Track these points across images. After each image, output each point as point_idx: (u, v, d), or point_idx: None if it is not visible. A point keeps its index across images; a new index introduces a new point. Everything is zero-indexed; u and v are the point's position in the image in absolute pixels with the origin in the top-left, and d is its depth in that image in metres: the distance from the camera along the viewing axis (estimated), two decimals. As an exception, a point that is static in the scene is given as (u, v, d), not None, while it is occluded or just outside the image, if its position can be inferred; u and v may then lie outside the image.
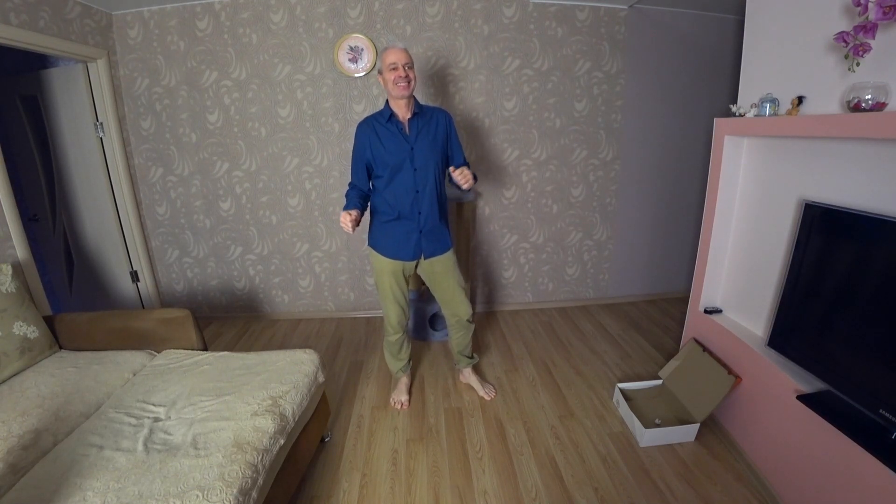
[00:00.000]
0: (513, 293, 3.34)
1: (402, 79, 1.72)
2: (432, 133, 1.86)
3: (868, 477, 1.22)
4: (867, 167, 1.35)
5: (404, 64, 1.73)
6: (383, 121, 1.83)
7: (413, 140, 1.82)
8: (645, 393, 2.13)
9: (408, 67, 1.74)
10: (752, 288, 1.87)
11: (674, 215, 3.34)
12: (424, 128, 1.85)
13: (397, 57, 1.72)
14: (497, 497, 1.65)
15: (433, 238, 1.93)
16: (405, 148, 1.82)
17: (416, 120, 1.84)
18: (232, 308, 3.29)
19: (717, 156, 1.90)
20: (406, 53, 1.75)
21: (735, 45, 2.90)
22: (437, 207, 1.91)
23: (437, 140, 1.87)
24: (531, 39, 2.81)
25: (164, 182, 3.00)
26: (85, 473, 1.16)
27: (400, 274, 1.96)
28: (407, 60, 1.74)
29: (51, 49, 2.27)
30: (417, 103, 1.87)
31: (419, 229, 1.89)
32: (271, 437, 1.32)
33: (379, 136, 1.82)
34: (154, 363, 1.75)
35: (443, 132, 1.90)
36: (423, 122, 1.86)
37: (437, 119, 1.90)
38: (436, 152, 1.87)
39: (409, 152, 1.82)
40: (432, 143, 1.86)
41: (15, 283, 1.74)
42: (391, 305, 2.01)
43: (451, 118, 1.96)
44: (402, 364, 2.21)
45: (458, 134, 1.99)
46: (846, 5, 1.33)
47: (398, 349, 2.16)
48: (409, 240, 1.89)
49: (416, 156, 1.82)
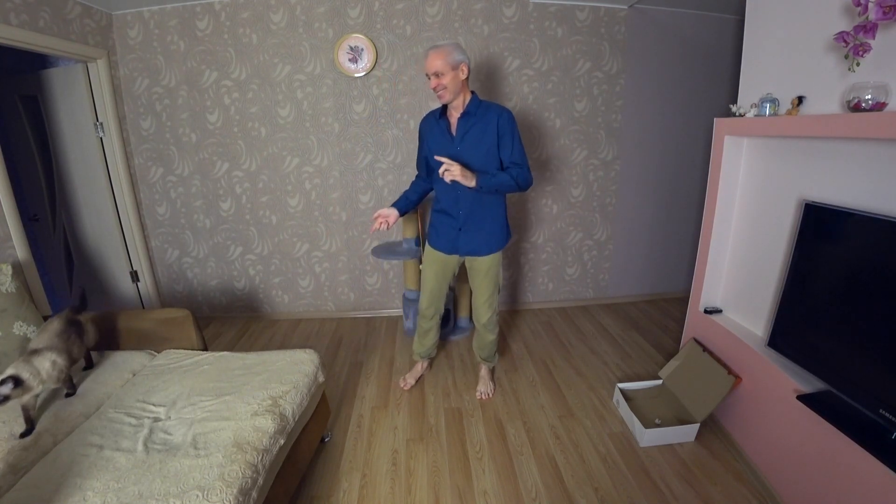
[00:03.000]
0: (514, 293, 3.34)
1: (438, 87, 1.72)
2: (479, 133, 1.80)
3: (868, 477, 1.22)
4: (867, 167, 1.35)
5: (434, 72, 1.69)
6: (436, 117, 1.87)
7: (459, 141, 1.81)
8: (645, 393, 2.13)
9: (439, 75, 1.69)
10: (751, 288, 1.87)
11: (674, 215, 3.34)
12: (473, 128, 1.80)
13: (427, 66, 1.71)
14: (497, 497, 1.65)
15: (473, 238, 1.93)
16: (450, 148, 1.82)
17: (465, 119, 1.80)
18: (232, 308, 3.29)
19: (716, 156, 1.90)
20: (438, 58, 1.68)
21: (735, 45, 2.90)
22: (481, 208, 1.89)
23: (484, 140, 1.80)
24: (531, 39, 2.81)
25: (164, 182, 3.00)
26: (85, 473, 1.16)
27: (440, 264, 2.02)
28: (437, 68, 1.69)
29: (51, 49, 2.27)
30: (474, 101, 1.81)
31: (458, 227, 1.91)
32: (271, 437, 1.32)
33: (432, 132, 1.88)
34: (154, 363, 1.75)
35: (492, 132, 1.79)
36: (473, 121, 1.80)
37: (489, 118, 1.79)
38: (483, 155, 1.80)
39: (455, 152, 1.80)
40: (478, 143, 1.80)
41: (15, 283, 1.74)
42: (424, 289, 2.11)
43: (508, 116, 1.81)
44: (422, 349, 2.29)
45: (519, 134, 1.85)
46: (846, 5, 1.33)
47: (423, 331, 2.24)
48: (449, 235, 1.95)
49: (460, 156, 1.78)
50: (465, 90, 1.80)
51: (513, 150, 1.82)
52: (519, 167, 1.83)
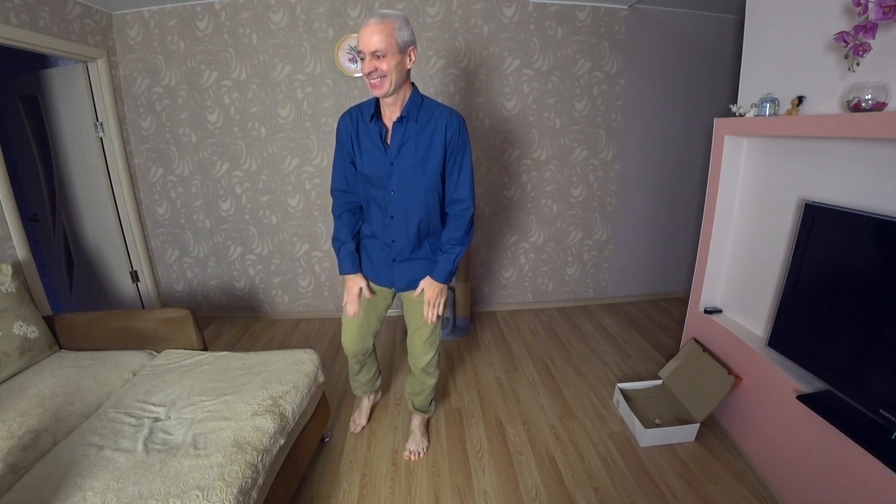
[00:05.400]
0: (513, 293, 3.34)
1: (372, 73, 1.23)
2: (424, 146, 1.36)
3: (868, 477, 1.22)
4: (867, 167, 1.35)
5: (373, 52, 1.20)
6: (366, 118, 1.39)
7: (394, 153, 1.37)
8: (645, 393, 2.13)
9: (377, 56, 1.21)
10: (752, 288, 1.87)
11: (674, 215, 3.34)
12: (413, 138, 1.35)
13: (362, 41, 1.21)
14: (497, 497, 1.65)
15: (409, 271, 1.54)
16: (383, 162, 1.38)
17: (403, 125, 1.35)
18: (232, 308, 3.29)
19: (717, 156, 1.90)
20: (380, 33, 1.19)
21: (735, 45, 2.90)
22: (418, 239, 1.48)
23: (428, 156, 1.36)
24: (531, 39, 2.81)
25: (164, 182, 3.00)
26: (85, 473, 1.16)
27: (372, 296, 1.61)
28: (377, 47, 1.19)
29: (51, 49, 2.27)
30: (415, 100, 1.35)
31: (392, 258, 1.53)
32: (271, 437, 1.32)
33: (358, 137, 1.41)
34: (154, 363, 1.75)
35: (439, 147, 1.36)
36: (414, 129, 1.35)
37: (436, 126, 1.35)
38: (422, 172, 1.38)
39: (388, 168, 1.38)
40: (420, 160, 1.36)
41: (15, 283, 1.74)
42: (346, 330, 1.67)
43: (458, 126, 1.37)
44: (358, 386, 1.94)
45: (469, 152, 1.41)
46: (846, 5, 1.33)
47: (356, 372, 1.87)
48: (382, 265, 1.56)
49: (394, 175, 1.38)
50: (407, 84, 1.33)
51: (459, 178, 1.40)
52: (463, 207, 1.42)
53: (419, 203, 1.42)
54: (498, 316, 3.23)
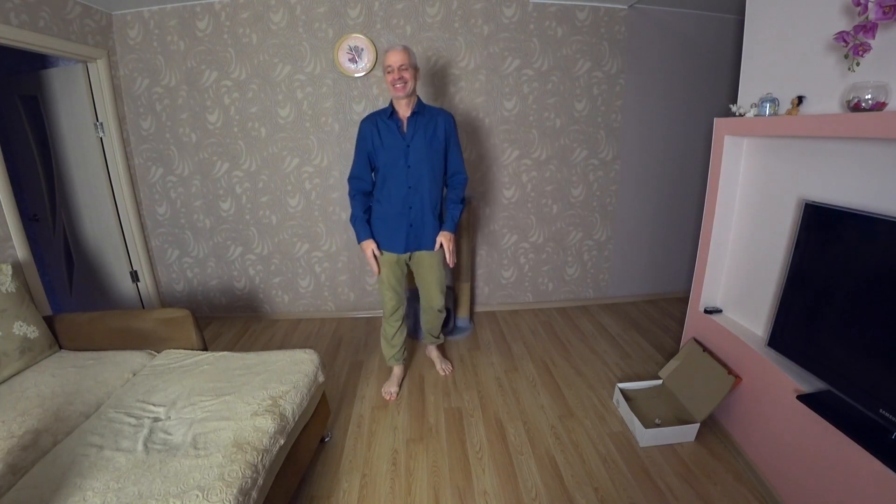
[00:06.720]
0: (513, 293, 3.34)
1: (398, 80, 1.83)
2: (430, 133, 1.94)
3: (868, 477, 1.22)
4: (867, 167, 1.35)
5: (399, 66, 1.81)
6: (385, 117, 1.94)
7: (409, 138, 1.92)
8: (645, 393, 2.13)
9: (402, 69, 1.82)
10: (751, 288, 1.87)
11: (674, 215, 3.34)
12: (423, 127, 1.93)
13: (392, 60, 1.82)
14: (497, 497, 1.65)
15: (422, 234, 2.03)
16: (401, 144, 1.92)
17: (415, 119, 1.93)
18: (232, 308, 3.29)
19: (716, 156, 1.90)
20: (404, 55, 1.82)
21: (735, 45, 2.90)
22: (430, 205, 2.00)
23: (434, 141, 1.95)
24: (531, 39, 2.81)
25: (164, 182, 3.00)
26: (85, 473, 1.16)
27: (394, 264, 2.07)
28: (403, 62, 1.81)
29: (51, 49, 2.27)
30: (420, 103, 1.94)
31: (409, 223, 2.00)
32: (271, 437, 1.32)
33: (379, 131, 1.94)
34: (154, 363, 1.75)
35: (442, 134, 1.96)
36: (423, 121, 1.93)
37: (437, 120, 1.96)
38: (431, 152, 1.95)
39: (405, 149, 1.93)
40: (429, 143, 1.93)
41: (15, 283, 1.74)
42: (386, 291, 2.13)
43: (453, 121, 2.01)
44: (394, 351, 2.27)
45: (458, 138, 2.05)
46: (846, 5, 1.33)
47: (391, 334, 2.24)
48: (400, 233, 2.01)
49: (410, 153, 1.93)
50: (414, 92, 1.93)
51: (455, 156, 2.03)
52: (459, 175, 2.04)
53: (428, 174, 1.96)
54: (498, 316, 3.23)
